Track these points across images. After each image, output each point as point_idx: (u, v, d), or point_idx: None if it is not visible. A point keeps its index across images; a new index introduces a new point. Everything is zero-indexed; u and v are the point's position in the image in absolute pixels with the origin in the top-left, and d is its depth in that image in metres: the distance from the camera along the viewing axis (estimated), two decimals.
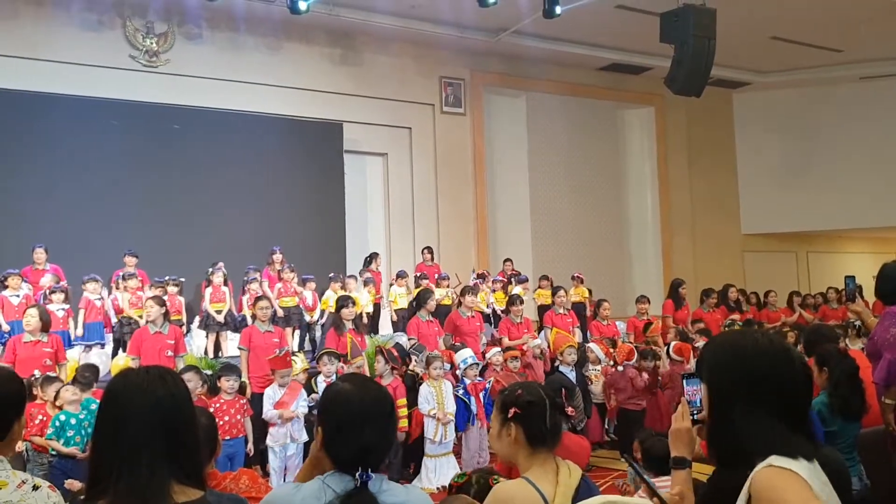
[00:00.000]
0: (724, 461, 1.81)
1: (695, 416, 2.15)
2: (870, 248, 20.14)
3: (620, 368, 8.87)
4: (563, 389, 3.75)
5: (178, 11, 12.51)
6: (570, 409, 3.21)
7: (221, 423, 6.87)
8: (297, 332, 10.77)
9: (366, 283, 11.49)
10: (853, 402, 4.16)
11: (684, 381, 2.25)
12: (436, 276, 11.85)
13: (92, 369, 7.10)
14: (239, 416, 7.02)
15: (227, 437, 6.85)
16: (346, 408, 2.14)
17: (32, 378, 6.69)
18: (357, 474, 2.03)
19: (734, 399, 1.76)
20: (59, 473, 5.79)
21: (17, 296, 8.91)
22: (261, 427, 7.40)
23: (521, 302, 10.17)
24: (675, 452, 2.13)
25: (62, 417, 6.09)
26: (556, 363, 9.18)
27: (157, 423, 1.80)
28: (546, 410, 2.53)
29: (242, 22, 12.90)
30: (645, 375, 8.57)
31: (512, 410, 2.54)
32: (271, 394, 7.28)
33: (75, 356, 8.77)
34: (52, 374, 6.73)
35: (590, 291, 12.76)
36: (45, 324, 7.48)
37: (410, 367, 8.33)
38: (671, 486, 2.15)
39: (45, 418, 6.17)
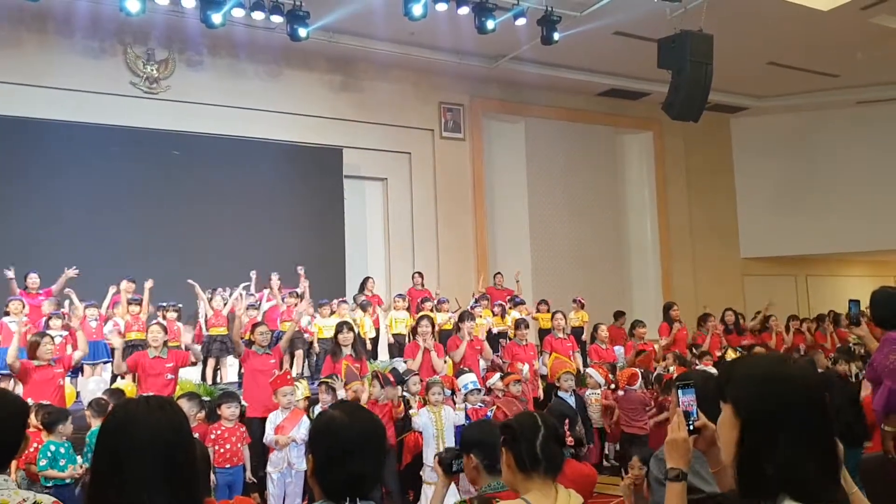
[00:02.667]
0: (747, 490, 1.73)
1: (691, 427, 2.12)
2: (869, 271, 20.14)
3: (621, 392, 8.83)
4: (567, 418, 3.73)
5: (178, 38, 12.61)
6: (569, 440, 3.18)
7: (222, 450, 6.85)
8: (301, 354, 10.74)
9: (363, 308, 11.44)
10: (855, 427, 4.14)
11: (679, 392, 2.19)
12: (419, 300, 11.84)
13: (117, 394, 7.14)
14: (240, 444, 6.99)
15: (228, 465, 6.81)
16: (336, 437, 2.12)
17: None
18: None
19: (766, 429, 1.69)
20: None
21: (16, 322, 8.88)
22: (260, 453, 7.36)
23: (527, 326, 10.18)
24: (671, 464, 2.08)
25: (52, 448, 6.04)
26: (556, 388, 9.13)
27: (156, 454, 1.79)
28: (537, 437, 2.55)
29: (243, 49, 13.00)
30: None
31: (503, 437, 2.63)
32: (273, 418, 7.24)
33: (70, 384, 8.77)
34: (45, 402, 6.71)
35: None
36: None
37: (406, 392, 8.28)
38: (666, 499, 2.11)
39: (38, 445, 6.13)
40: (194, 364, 8.85)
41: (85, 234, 11.61)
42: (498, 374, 8.86)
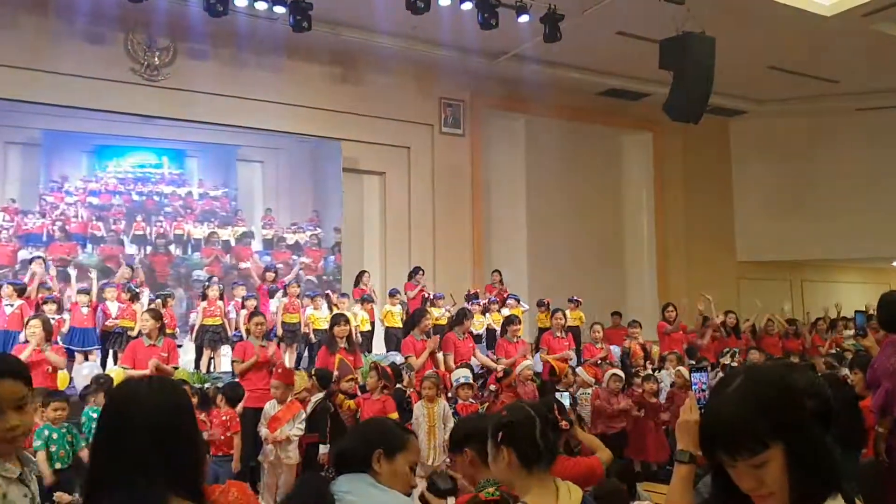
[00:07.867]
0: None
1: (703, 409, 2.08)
2: (864, 278, 20.16)
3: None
4: (556, 406, 3.66)
5: (180, 27, 12.51)
6: (563, 423, 3.10)
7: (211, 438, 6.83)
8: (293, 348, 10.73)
9: (363, 303, 11.43)
10: (853, 431, 4.13)
11: (692, 374, 2.19)
12: (424, 295, 11.84)
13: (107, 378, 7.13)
14: (229, 433, 6.96)
15: (220, 454, 6.77)
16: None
17: None
18: None
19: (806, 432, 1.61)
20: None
21: (11, 305, 8.84)
22: (252, 444, 7.31)
23: (519, 322, 10.15)
24: (681, 446, 2.02)
25: (45, 432, 5.94)
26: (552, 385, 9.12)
27: (158, 434, 1.77)
28: (535, 428, 2.49)
29: (245, 39, 12.91)
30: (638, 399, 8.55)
31: (500, 434, 2.52)
32: (269, 410, 7.18)
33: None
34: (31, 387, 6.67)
35: None
36: (48, 333, 7.57)
37: (402, 385, 8.26)
38: (672, 480, 2.08)
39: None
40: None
41: None
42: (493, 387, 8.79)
